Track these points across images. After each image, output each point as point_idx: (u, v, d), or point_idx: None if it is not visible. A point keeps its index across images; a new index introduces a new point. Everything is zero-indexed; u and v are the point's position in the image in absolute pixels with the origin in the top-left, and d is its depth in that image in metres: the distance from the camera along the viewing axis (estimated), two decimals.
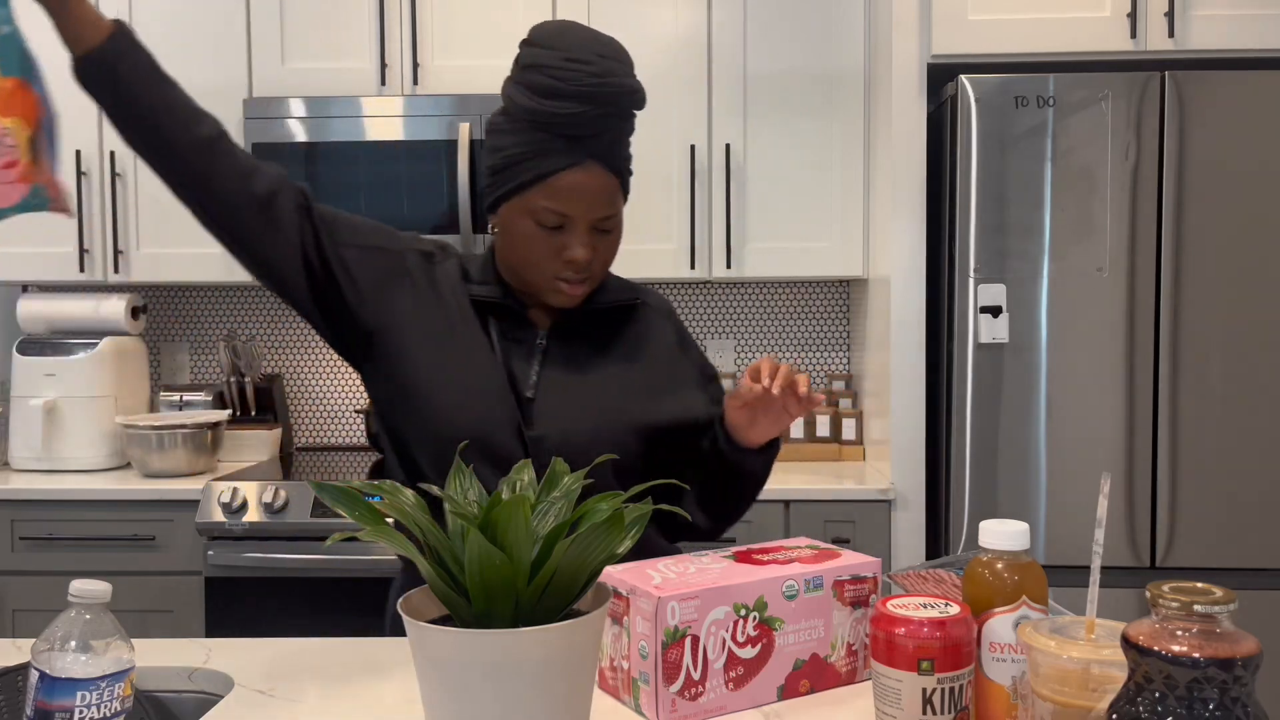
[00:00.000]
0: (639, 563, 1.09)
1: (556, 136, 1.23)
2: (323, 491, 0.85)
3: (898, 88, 2.47)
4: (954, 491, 2.36)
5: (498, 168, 1.29)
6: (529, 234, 1.27)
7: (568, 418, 1.30)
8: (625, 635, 1.02)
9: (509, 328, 1.34)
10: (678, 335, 1.44)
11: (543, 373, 1.33)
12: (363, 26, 2.77)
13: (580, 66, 1.21)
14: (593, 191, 1.26)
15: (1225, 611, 0.64)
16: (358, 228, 1.38)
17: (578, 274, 1.29)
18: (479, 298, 1.34)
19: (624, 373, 1.36)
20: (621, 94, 1.24)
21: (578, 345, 1.36)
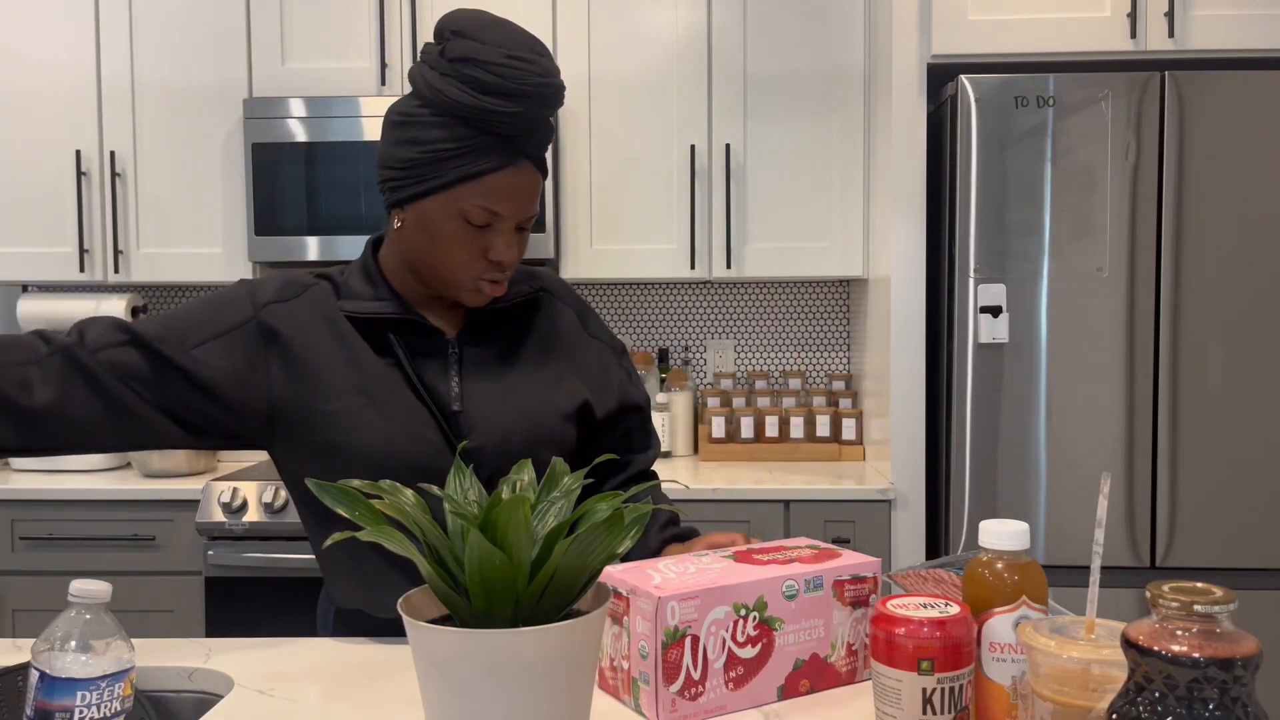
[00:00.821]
0: (639, 563, 1.09)
1: (488, 134, 1.18)
2: (323, 492, 0.85)
3: (898, 88, 2.47)
4: (954, 491, 2.36)
5: (417, 162, 1.20)
6: (453, 233, 1.21)
7: (500, 422, 1.27)
8: (625, 635, 1.02)
9: (414, 340, 1.27)
10: (579, 315, 1.41)
11: (463, 382, 1.27)
12: (363, 26, 2.77)
13: (524, 65, 1.16)
14: (525, 191, 1.22)
15: (1225, 611, 0.64)
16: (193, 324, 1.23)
17: (501, 273, 1.25)
18: (372, 315, 1.25)
19: (543, 365, 1.33)
20: (556, 94, 1.21)
21: (490, 346, 1.31)
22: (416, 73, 1.21)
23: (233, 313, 1.24)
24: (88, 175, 2.79)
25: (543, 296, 1.38)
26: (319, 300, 1.27)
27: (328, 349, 1.24)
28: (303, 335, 1.24)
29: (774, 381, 3.11)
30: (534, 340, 1.35)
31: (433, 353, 1.28)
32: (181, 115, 2.79)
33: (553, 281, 1.42)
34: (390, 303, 1.27)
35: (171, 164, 2.80)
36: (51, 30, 2.79)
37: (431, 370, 1.27)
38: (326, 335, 1.25)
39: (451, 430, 1.25)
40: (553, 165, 2.71)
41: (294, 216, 2.71)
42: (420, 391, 1.24)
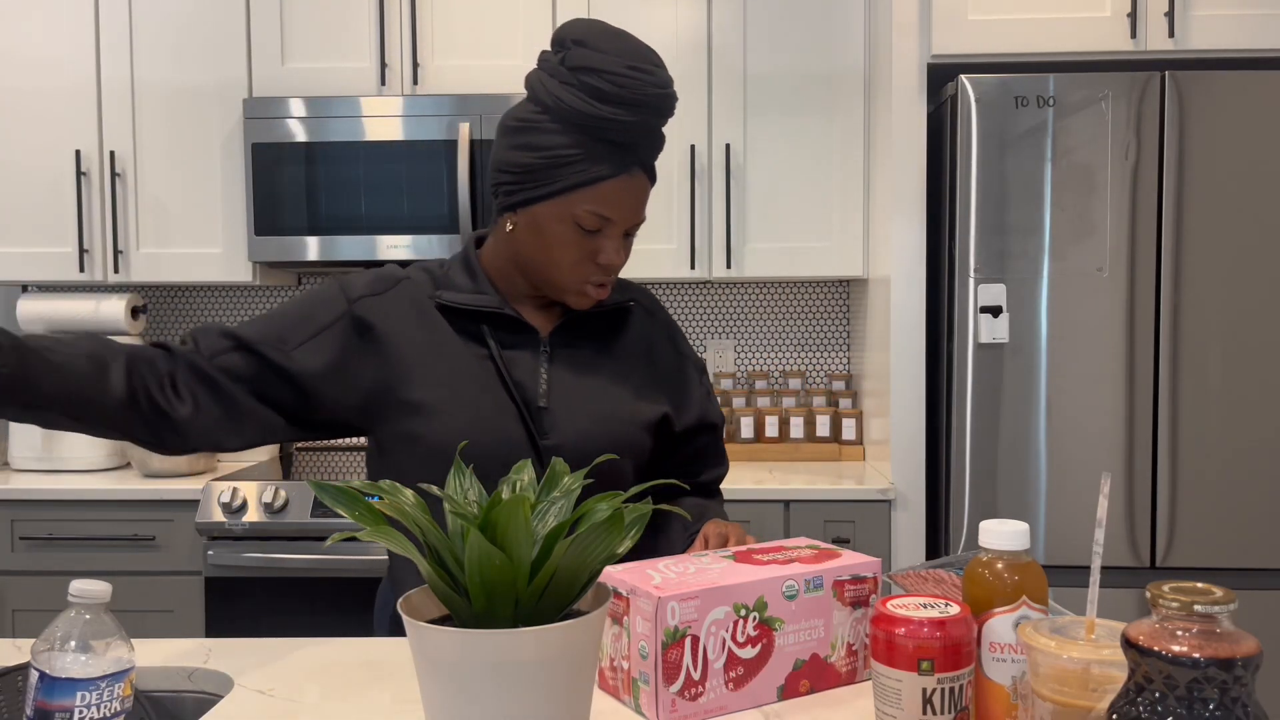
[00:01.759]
0: (639, 563, 1.09)
1: (604, 141, 1.22)
2: (323, 491, 0.85)
3: (898, 88, 2.47)
4: (954, 491, 2.36)
5: (533, 167, 1.23)
6: (564, 237, 1.25)
7: (583, 423, 1.29)
8: (625, 635, 1.02)
9: (506, 335, 1.31)
10: (668, 331, 1.45)
11: (551, 379, 1.31)
12: (363, 26, 2.77)
13: (643, 75, 1.20)
14: (636, 198, 1.26)
15: (1225, 611, 0.64)
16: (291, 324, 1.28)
17: (607, 277, 1.29)
18: (470, 306, 1.29)
19: (629, 373, 1.36)
20: (671, 104, 1.25)
21: (580, 349, 1.35)
22: (535, 80, 1.25)
23: (327, 310, 1.28)
24: (88, 175, 2.79)
25: (634, 307, 1.42)
26: (411, 293, 1.31)
27: (419, 340, 1.28)
28: (395, 327, 1.28)
29: (774, 381, 3.11)
30: (622, 348, 1.38)
31: (524, 349, 1.31)
32: (181, 115, 2.79)
33: (644, 295, 1.46)
34: (489, 296, 1.30)
35: (171, 164, 2.80)
36: (51, 30, 2.79)
37: (521, 365, 1.30)
38: (418, 326, 1.29)
39: (535, 426, 1.28)
40: None
41: (294, 216, 2.71)
42: (509, 385, 1.27)
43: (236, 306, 3.17)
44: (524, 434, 1.27)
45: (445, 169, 2.68)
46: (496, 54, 2.77)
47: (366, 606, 2.43)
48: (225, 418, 1.24)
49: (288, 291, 3.16)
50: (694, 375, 1.45)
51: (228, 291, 3.17)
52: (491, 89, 2.75)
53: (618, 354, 1.37)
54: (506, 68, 2.76)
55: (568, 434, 1.28)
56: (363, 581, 2.45)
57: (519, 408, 1.27)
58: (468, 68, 2.77)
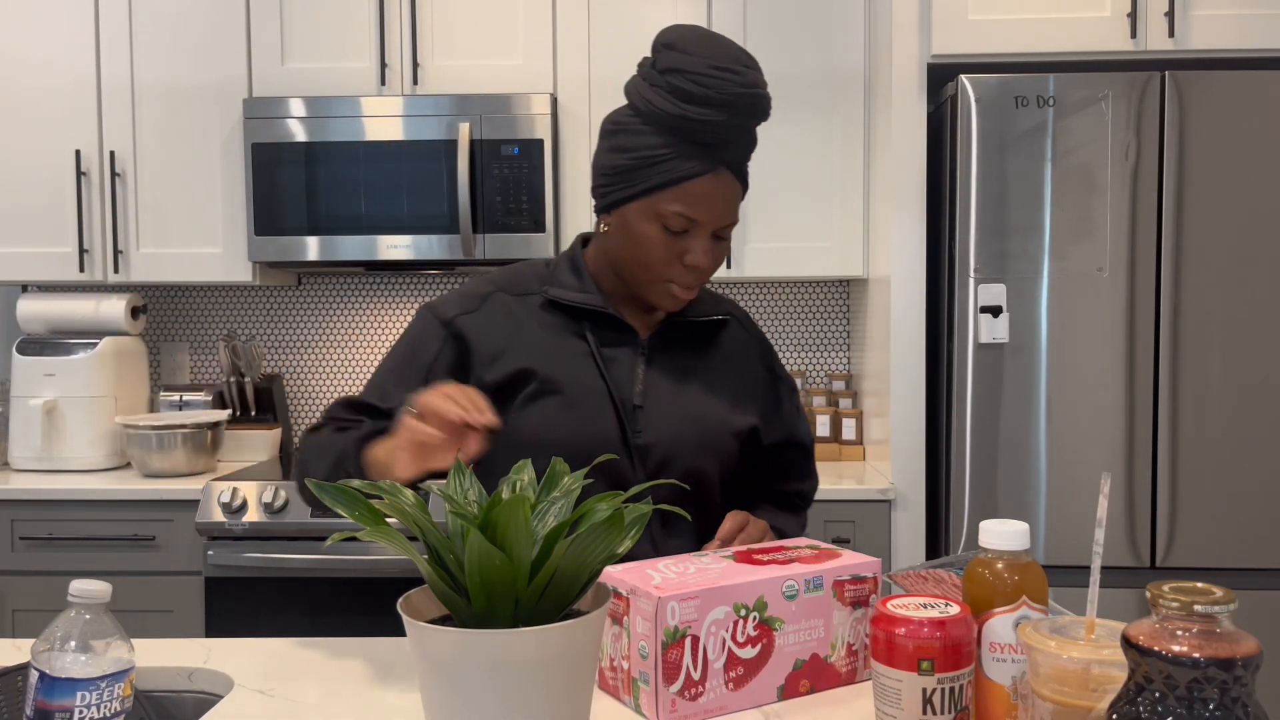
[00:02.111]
0: (639, 563, 1.09)
1: (691, 142, 1.24)
2: (323, 491, 0.85)
3: (898, 88, 2.47)
4: (954, 491, 2.36)
5: (624, 169, 1.27)
6: (651, 237, 1.27)
7: (676, 423, 1.32)
8: (625, 635, 1.02)
9: (606, 334, 1.35)
10: (761, 348, 1.48)
11: (647, 379, 1.34)
12: (363, 26, 2.77)
13: (728, 75, 1.22)
14: (722, 199, 1.26)
15: (1225, 611, 0.64)
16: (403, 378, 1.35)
17: (694, 278, 1.30)
18: (575, 303, 1.34)
19: (723, 381, 1.39)
20: (760, 104, 1.25)
21: (677, 353, 1.38)
22: (631, 84, 1.28)
23: (428, 346, 1.34)
24: (87, 175, 2.79)
25: (730, 322, 1.45)
26: (503, 302, 1.36)
27: (517, 339, 1.32)
28: (493, 335, 1.33)
29: None
30: (717, 358, 1.41)
31: (623, 347, 1.35)
32: (181, 115, 2.79)
33: (740, 312, 1.50)
34: (593, 295, 1.34)
35: (171, 164, 2.80)
36: (51, 30, 2.79)
37: (619, 364, 1.33)
38: (516, 328, 1.33)
39: (628, 424, 1.31)
40: (552, 165, 2.71)
41: (294, 216, 2.71)
42: (607, 382, 1.30)
43: (237, 306, 3.17)
44: (618, 430, 1.30)
45: (445, 169, 2.68)
46: (496, 54, 2.77)
47: (366, 606, 2.43)
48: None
49: (287, 291, 3.16)
50: (785, 393, 1.47)
51: (228, 291, 3.17)
52: (491, 89, 2.75)
53: (712, 363, 1.40)
54: (506, 68, 2.76)
55: (660, 433, 1.31)
56: (363, 581, 2.45)
57: (615, 404, 1.30)
58: (468, 68, 2.77)
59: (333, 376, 3.17)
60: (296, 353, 3.18)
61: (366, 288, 3.16)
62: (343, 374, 3.17)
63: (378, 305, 3.16)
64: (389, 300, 3.16)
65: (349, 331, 3.17)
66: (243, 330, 3.17)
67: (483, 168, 2.67)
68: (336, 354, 3.17)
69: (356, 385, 3.16)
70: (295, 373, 3.18)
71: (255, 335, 3.17)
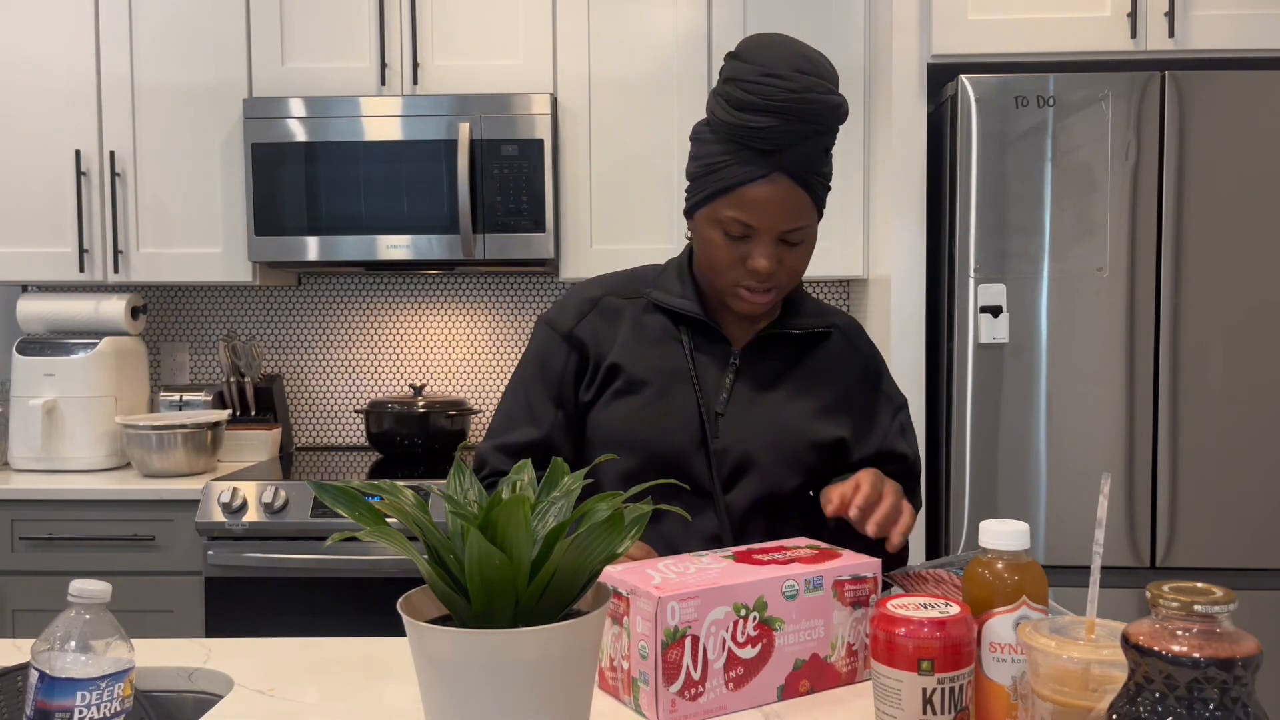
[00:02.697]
0: (639, 563, 1.09)
1: (747, 148, 1.25)
2: (323, 491, 0.85)
3: (898, 88, 2.46)
4: (954, 491, 2.36)
5: (694, 175, 1.32)
6: (716, 242, 1.30)
7: (753, 432, 1.34)
8: (625, 635, 1.02)
9: (702, 341, 1.38)
10: (867, 364, 1.46)
11: (734, 390, 1.36)
12: (363, 26, 2.77)
13: (776, 82, 1.23)
14: (778, 203, 1.27)
15: (1225, 611, 0.64)
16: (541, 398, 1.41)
17: (760, 283, 1.31)
18: (675, 309, 1.38)
19: (812, 393, 1.38)
20: (814, 110, 1.24)
21: (768, 364, 1.39)
22: (710, 94, 1.32)
23: (555, 360, 1.40)
24: (88, 175, 2.79)
25: (835, 334, 1.45)
26: (611, 305, 1.42)
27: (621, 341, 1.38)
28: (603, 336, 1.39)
29: None
30: (812, 370, 1.41)
31: (716, 355, 1.38)
32: (181, 115, 2.79)
33: (851, 326, 1.49)
34: (692, 302, 1.38)
35: (171, 164, 2.80)
36: (51, 30, 2.79)
37: (710, 371, 1.37)
38: (621, 330, 1.39)
39: (709, 430, 1.33)
40: (552, 165, 2.71)
41: (294, 216, 2.71)
42: (696, 387, 1.34)
43: (237, 306, 3.17)
44: (698, 435, 1.33)
45: (445, 169, 2.68)
46: (496, 54, 2.77)
47: (367, 606, 2.43)
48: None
49: (287, 291, 3.16)
50: (886, 410, 1.44)
51: (228, 291, 3.17)
52: (491, 89, 2.75)
53: (805, 374, 1.40)
54: (506, 68, 2.76)
55: (737, 440, 1.33)
56: (363, 581, 2.45)
57: (700, 410, 1.33)
58: (468, 68, 2.77)
59: (333, 376, 3.17)
60: (296, 353, 3.18)
61: (366, 288, 3.16)
62: (343, 374, 3.17)
63: (378, 305, 3.16)
64: (389, 300, 3.16)
65: (349, 331, 3.17)
66: (243, 330, 3.17)
67: (483, 168, 2.67)
68: (336, 354, 3.17)
69: (356, 384, 3.17)
70: (295, 373, 3.18)
71: (255, 335, 3.17)
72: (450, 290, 3.16)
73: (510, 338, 3.15)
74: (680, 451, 1.32)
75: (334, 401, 3.18)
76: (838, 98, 1.27)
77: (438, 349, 3.16)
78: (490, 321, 3.15)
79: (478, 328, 3.15)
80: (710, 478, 1.33)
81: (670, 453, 1.32)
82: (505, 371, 3.15)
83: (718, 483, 1.33)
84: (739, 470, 1.33)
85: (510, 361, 3.15)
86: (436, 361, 3.16)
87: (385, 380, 3.17)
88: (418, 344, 3.16)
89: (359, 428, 3.17)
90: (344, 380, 3.17)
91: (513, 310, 3.15)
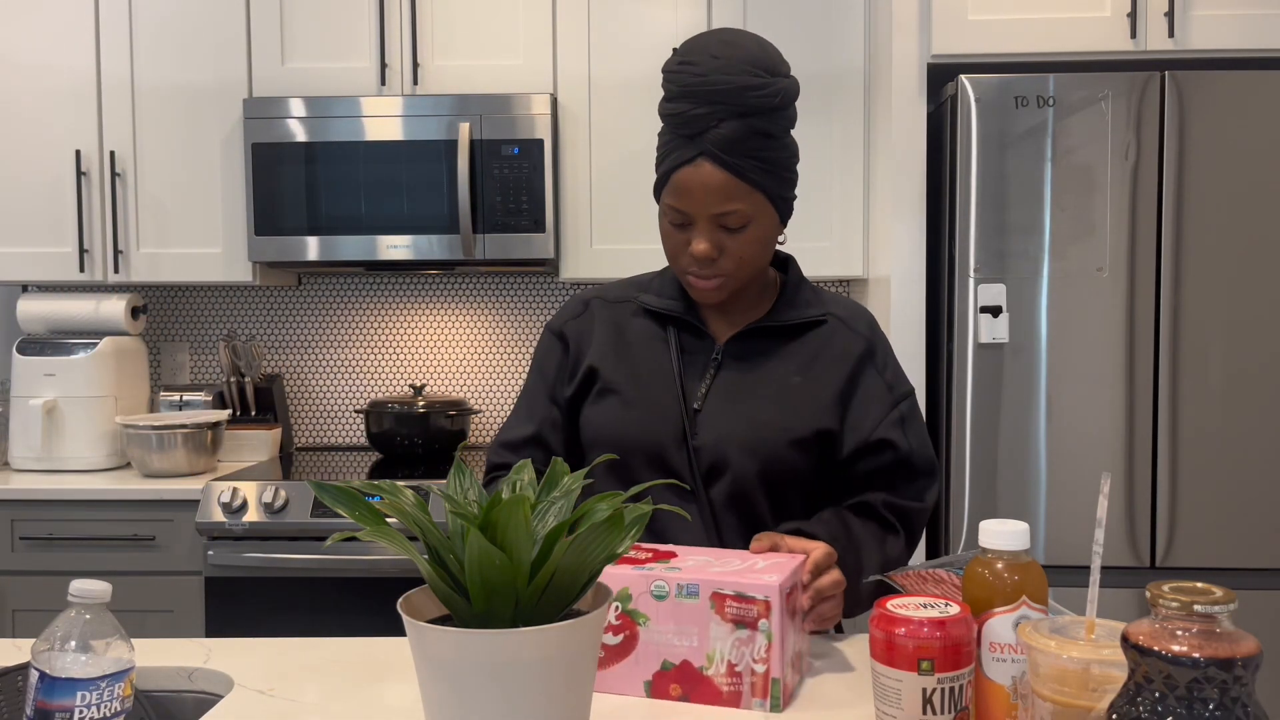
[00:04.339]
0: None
1: (676, 136, 1.29)
2: (323, 491, 0.85)
3: (898, 88, 2.46)
4: (954, 491, 2.36)
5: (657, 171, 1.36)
6: (666, 231, 1.35)
7: (725, 428, 1.34)
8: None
9: (688, 339, 1.40)
10: (869, 347, 1.39)
11: (713, 385, 1.36)
12: (363, 26, 2.77)
13: (688, 68, 1.27)
14: (702, 187, 1.27)
15: (1225, 611, 0.64)
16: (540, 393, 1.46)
17: (701, 269, 1.32)
18: (658, 309, 1.40)
19: (793, 385, 1.36)
20: (723, 90, 1.25)
21: (753, 359, 1.38)
22: None
23: (551, 359, 1.46)
24: (88, 175, 2.79)
25: (831, 323, 1.41)
26: (602, 309, 1.46)
27: (610, 342, 1.41)
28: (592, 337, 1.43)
29: None
30: (802, 362, 1.37)
31: (700, 353, 1.39)
32: (181, 115, 2.79)
33: (849, 310, 1.44)
34: (677, 302, 1.41)
35: (171, 164, 2.80)
36: (51, 30, 2.79)
37: (693, 368, 1.38)
38: (610, 332, 1.42)
39: (689, 428, 1.34)
40: (552, 165, 2.71)
41: (294, 216, 2.71)
42: (679, 385, 1.36)
43: (237, 306, 3.17)
44: (679, 432, 1.34)
45: (445, 169, 2.68)
46: (496, 54, 2.77)
47: (366, 606, 2.43)
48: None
49: (288, 291, 3.16)
50: (883, 398, 1.37)
51: (228, 291, 3.17)
52: (491, 89, 2.75)
53: (793, 367, 1.36)
54: (506, 68, 2.76)
55: (710, 436, 1.33)
56: (363, 581, 2.45)
57: (681, 408, 1.34)
58: (468, 68, 2.77)
59: (333, 376, 3.17)
60: (296, 353, 3.18)
61: (366, 288, 3.16)
62: (343, 374, 3.17)
63: (378, 305, 3.16)
64: (389, 300, 3.16)
65: (349, 331, 3.17)
66: (243, 330, 3.17)
67: (483, 168, 2.67)
68: (336, 354, 3.17)
69: (356, 384, 3.17)
70: (295, 373, 3.18)
71: (255, 335, 3.17)
72: (450, 290, 3.16)
73: (510, 338, 3.15)
74: (662, 448, 1.34)
75: (334, 401, 3.18)
76: (756, 79, 1.25)
77: (438, 349, 3.16)
78: (490, 321, 3.15)
79: (478, 328, 3.15)
80: (691, 474, 1.34)
81: (653, 449, 1.34)
82: (505, 371, 3.15)
83: (699, 479, 1.33)
84: (716, 467, 1.33)
85: (510, 361, 3.15)
86: (436, 361, 3.16)
87: (385, 380, 3.17)
88: (418, 344, 3.16)
89: (359, 428, 3.17)
90: (344, 380, 3.17)
91: (513, 310, 3.15)
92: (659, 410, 1.35)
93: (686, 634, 1.05)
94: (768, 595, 1.03)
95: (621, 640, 1.06)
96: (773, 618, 1.03)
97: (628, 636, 1.05)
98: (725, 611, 1.04)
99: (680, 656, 1.05)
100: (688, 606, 1.05)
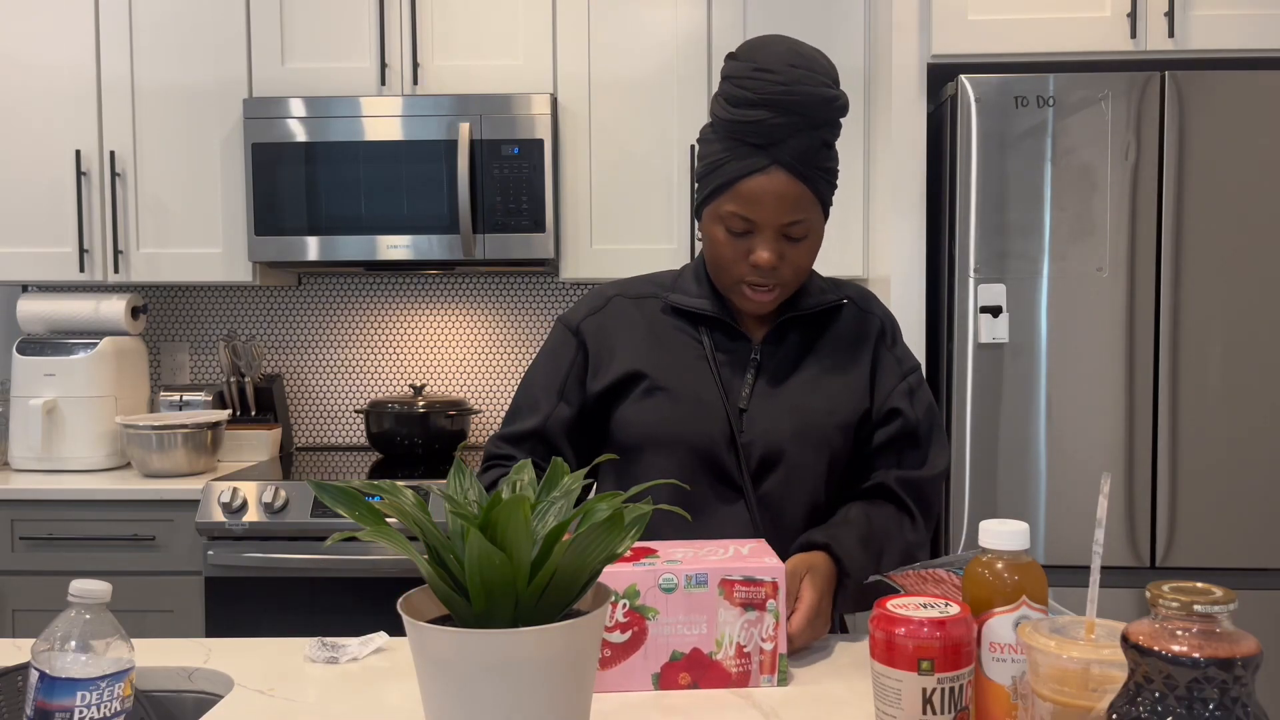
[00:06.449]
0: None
1: (744, 144, 1.27)
2: (323, 491, 0.85)
3: (898, 88, 2.46)
4: (954, 491, 2.36)
5: (699, 175, 1.34)
6: (719, 239, 1.32)
7: (773, 422, 1.35)
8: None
9: (722, 339, 1.40)
10: (884, 326, 1.47)
11: (755, 383, 1.38)
12: (363, 26, 2.77)
13: (767, 76, 1.26)
14: (775, 196, 1.28)
15: (1225, 611, 0.64)
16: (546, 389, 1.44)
17: (762, 279, 1.33)
18: (691, 309, 1.40)
19: (829, 371, 1.40)
20: (804, 102, 1.26)
21: (789, 350, 1.40)
22: (713, 96, 1.35)
23: (564, 354, 1.44)
24: (88, 175, 2.79)
25: (849, 306, 1.46)
26: (624, 305, 1.44)
27: (639, 341, 1.40)
28: (616, 334, 1.41)
29: None
30: (831, 348, 1.42)
31: (736, 352, 1.40)
32: (181, 115, 2.79)
33: (861, 294, 1.50)
34: (709, 301, 1.40)
35: (171, 164, 2.80)
36: (51, 30, 2.79)
37: (732, 368, 1.39)
38: (638, 330, 1.41)
39: (734, 425, 1.35)
40: (552, 165, 2.71)
41: (294, 216, 2.71)
42: (719, 385, 1.36)
43: (237, 306, 3.17)
44: (726, 430, 1.35)
45: (445, 169, 2.68)
46: (496, 54, 2.77)
47: (367, 606, 2.43)
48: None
49: (288, 291, 3.16)
50: (894, 370, 1.43)
51: (228, 291, 3.17)
52: (491, 89, 2.75)
53: (825, 353, 1.41)
54: (506, 68, 2.76)
55: (762, 432, 1.35)
56: (363, 581, 2.45)
57: (725, 407, 1.35)
58: (468, 68, 2.77)
59: (333, 376, 3.17)
60: (296, 353, 3.18)
61: (366, 288, 3.16)
62: (343, 374, 3.17)
63: (378, 305, 3.16)
64: (389, 300, 3.16)
65: (349, 331, 3.17)
66: (243, 330, 3.17)
67: (483, 168, 2.67)
68: (336, 354, 3.17)
69: (356, 384, 3.17)
70: (295, 373, 3.18)
71: (255, 335, 3.17)
72: (450, 290, 3.16)
73: (510, 338, 3.15)
74: (713, 446, 1.35)
75: (334, 401, 3.18)
76: (832, 91, 1.28)
77: (438, 349, 3.16)
78: (490, 321, 3.15)
79: (478, 328, 3.15)
80: (740, 472, 1.35)
81: (704, 447, 1.34)
82: (505, 371, 3.15)
83: (746, 476, 1.35)
84: (767, 463, 1.35)
85: (510, 361, 3.15)
86: (436, 361, 3.16)
87: (385, 380, 3.17)
88: (418, 344, 3.16)
89: (359, 428, 3.17)
90: (344, 380, 3.17)
91: (513, 310, 3.15)
92: (706, 409, 1.35)
93: (695, 623, 1.07)
94: (774, 576, 1.08)
95: (629, 637, 1.06)
96: (780, 597, 1.08)
97: (635, 632, 1.06)
98: (734, 596, 1.08)
99: (690, 645, 1.07)
100: (697, 595, 1.07)
